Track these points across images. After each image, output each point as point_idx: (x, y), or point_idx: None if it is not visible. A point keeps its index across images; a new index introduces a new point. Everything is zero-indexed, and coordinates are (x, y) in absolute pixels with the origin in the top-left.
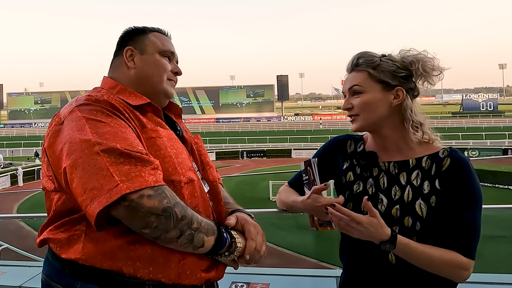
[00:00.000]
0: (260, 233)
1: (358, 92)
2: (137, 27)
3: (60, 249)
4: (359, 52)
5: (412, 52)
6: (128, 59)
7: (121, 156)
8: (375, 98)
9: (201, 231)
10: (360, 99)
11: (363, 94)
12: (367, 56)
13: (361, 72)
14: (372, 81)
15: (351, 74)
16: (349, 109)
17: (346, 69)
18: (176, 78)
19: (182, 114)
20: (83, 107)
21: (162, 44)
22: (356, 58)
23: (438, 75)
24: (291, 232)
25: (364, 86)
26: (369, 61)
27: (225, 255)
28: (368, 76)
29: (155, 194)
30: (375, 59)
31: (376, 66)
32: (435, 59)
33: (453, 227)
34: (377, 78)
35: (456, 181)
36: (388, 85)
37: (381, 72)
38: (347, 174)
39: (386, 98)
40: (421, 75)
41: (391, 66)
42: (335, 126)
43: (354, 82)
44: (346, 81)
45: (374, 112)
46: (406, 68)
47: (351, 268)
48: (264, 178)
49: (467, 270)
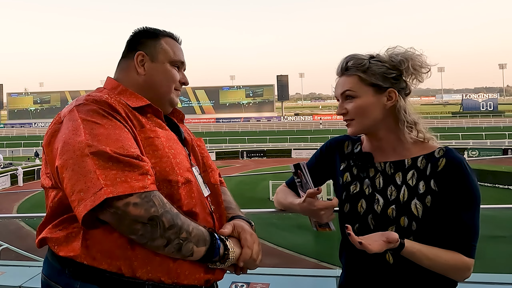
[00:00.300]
0: (257, 242)
1: (351, 97)
2: (149, 29)
3: (58, 247)
4: (348, 56)
5: (399, 50)
6: (138, 64)
7: (109, 160)
8: (368, 102)
9: (190, 241)
10: (353, 104)
11: (356, 99)
12: (355, 59)
13: (352, 77)
14: (363, 85)
15: (342, 78)
16: (344, 114)
17: (336, 73)
18: (182, 87)
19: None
20: (81, 107)
21: (173, 54)
22: (345, 62)
23: (427, 72)
24: (291, 232)
25: (356, 90)
26: (358, 65)
27: (217, 264)
28: (359, 80)
29: (141, 202)
30: (364, 61)
31: (366, 69)
32: (423, 55)
33: (453, 227)
34: (368, 82)
35: (453, 181)
36: (380, 88)
37: (372, 75)
38: (344, 175)
39: (379, 101)
40: (411, 74)
41: (381, 68)
42: (335, 126)
43: (346, 87)
44: (337, 86)
45: (369, 116)
46: (396, 68)
47: (350, 268)
48: (264, 178)
49: (469, 270)
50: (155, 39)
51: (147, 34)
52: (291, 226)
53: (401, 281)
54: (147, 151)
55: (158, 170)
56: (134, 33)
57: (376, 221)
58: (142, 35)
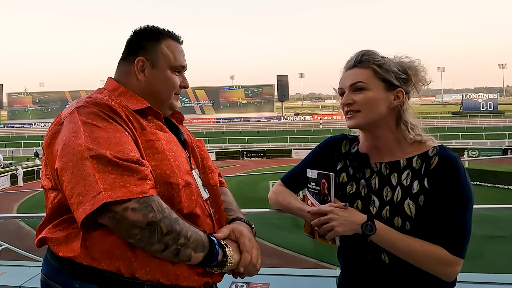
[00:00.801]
0: (256, 246)
1: (361, 89)
2: (149, 29)
3: (57, 248)
4: (363, 50)
5: (405, 59)
6: (138, 70)
7: (109, 164)
8: (378, 96)
9: (188, 247)
10: (363, 96)
11: (367, 91)
12: (371, 53)
13: (366, 69)
14: (376, 79)
15: (353, 70)
16: (349, 104)
17: (345, 65)
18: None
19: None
20: (81, 109)
21: (174, 59)
22: (360, 55)
23: (423, 85)
24: (291, 232)
25: (368, 83)
26: (374, 59)
27: (215, 270)
28: (373, 73)
29: (140, 207)
30: (379, 57)
31: (381, 64)
32: (425, 70)
33: (442, 224)
34: (382, 77)
35: (444, 179)
36: (391, 85)
37: (386, 71)
38: (340, 175)
39: (388, 98)
40: (414, 83)
41: (394, 67)
42: (335, 126)
43: (358, 78)
44: (346, 77)
45: (375, 110)
46: (405, 72)
47: (348, 268)
48: (264, 178)
49: (451, 267)
50: (155, 43)
51: (147, 36)
52: (291, 226)
53: (397, 281)
54: (147, 154)
55: (159, 173)
56: (134, 33)
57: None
58: (143, 37)
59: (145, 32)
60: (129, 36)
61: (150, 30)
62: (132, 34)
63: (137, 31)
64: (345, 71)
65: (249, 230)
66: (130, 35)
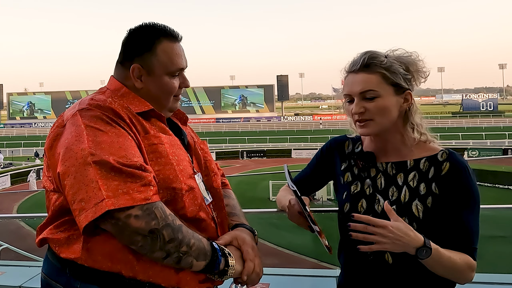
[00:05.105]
0: (258, 255)
1: (372, 97)
2: (144, 29)
3: (59, 249)
4: (367, 51)
5: (404, 54)
6: (135, 77)
7: (112, 170)
8: (389, 102)
9: (190, 255)
10: (375, 104)
11: (378, 99)
12: (377, 56)
13: (374, 74)
14: (385, 84)
15: (360, 75)
16: (361, 113)
17: (349, 68)
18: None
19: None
20: (84, 112)
21: (171, 63)
22: (366, 58)
23: (424, 79)
24: (291, 232)
25: (379, 90)
26: (381, 62)
27: (215, 277)
28: (382, 79)
29: (142, 214)
30: (384, 59)
31: (388, 67)
32: (423, 62)
33: (457, 230)
34: (391, 81)
35: (456, 186)
36: (400, 88)
37: (394, 74)
38: (345, 175)
39: (398, 102)
40: (415, 79)
41: (400, 68)
42: (335, 126)
43: (369, 86)
44: (354, 83)
45: (388, 117)
46: (408, 70)
47: (348, 268)
48: (264, 178)
49: (474, 272)
50: (150, 49)
51: (142, 40)
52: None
53: (400, 281)
54: (150, 158)
55: (162, 178)
56: (129, 33)
57: None
58: (138, 40)
59: (140, 34)
60: (125, 36)
61: (145, 31)
62: (127, 35)
63: (132, 31)
64: (349, 74)
65: (252, 238)
66: (125, 36)
